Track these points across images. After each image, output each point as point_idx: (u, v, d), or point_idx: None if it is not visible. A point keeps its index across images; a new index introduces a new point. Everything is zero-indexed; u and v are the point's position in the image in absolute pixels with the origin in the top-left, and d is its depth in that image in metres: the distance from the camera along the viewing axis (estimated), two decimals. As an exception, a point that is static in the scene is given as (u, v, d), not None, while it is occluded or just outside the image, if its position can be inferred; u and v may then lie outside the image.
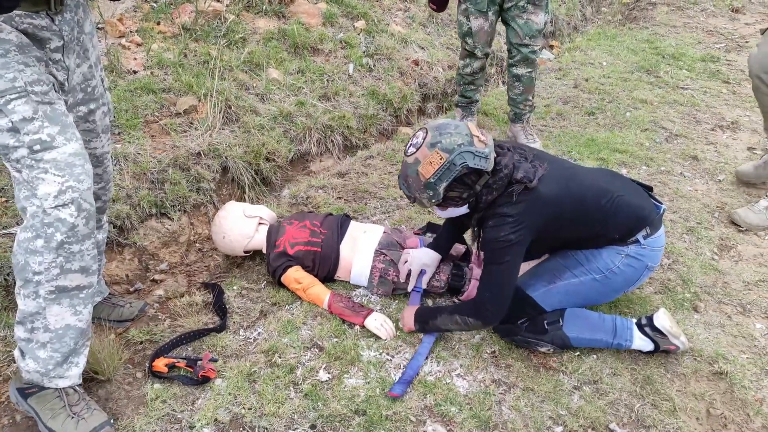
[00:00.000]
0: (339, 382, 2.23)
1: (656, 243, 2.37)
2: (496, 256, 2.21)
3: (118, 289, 2.80)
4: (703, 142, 4.14)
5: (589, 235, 2.33)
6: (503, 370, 2.33)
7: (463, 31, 3.77)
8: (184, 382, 2.20)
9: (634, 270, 2.35)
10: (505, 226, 2.16)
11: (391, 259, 2.65)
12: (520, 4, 3.57)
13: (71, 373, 1.95)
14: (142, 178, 3.10)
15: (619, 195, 2.32)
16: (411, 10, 5.49)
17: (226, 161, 3.41)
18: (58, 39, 1.84)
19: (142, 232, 3.00)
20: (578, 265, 2.36)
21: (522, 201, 2.17)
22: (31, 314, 1.85)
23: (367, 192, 3.50)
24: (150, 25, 4.08)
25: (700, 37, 6.13)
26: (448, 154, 2.09)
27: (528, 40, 3.65)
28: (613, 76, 5.16)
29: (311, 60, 4.42)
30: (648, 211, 2.36)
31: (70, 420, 1.92)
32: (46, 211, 1.75)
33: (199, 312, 2.59)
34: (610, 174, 2.50)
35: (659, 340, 2.34)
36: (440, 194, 2.17)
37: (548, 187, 2.20)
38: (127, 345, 2.39)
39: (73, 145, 1.79)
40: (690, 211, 3.36)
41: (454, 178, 2.13)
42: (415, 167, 2.16)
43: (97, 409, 1.98)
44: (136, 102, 3.46)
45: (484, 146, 2.14)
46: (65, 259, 1.81)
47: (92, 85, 2.06)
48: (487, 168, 2.14)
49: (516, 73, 3.80)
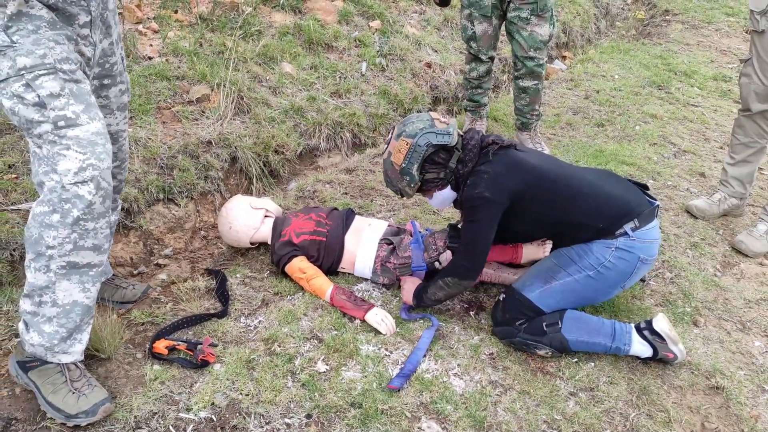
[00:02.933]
0: (336, 374, 2.24)
1: (647, 235, 2.36)
2: (471, 213, 2.34)
3: (122, 271, 2.82)
4: (711, 160, 4.14)
5: (571, 221, 2.36)
6: (500, 372, 2.34)
7: (467, 35, 3.77)
8: (184, 364, 2.21)
9: (626, 263, 2.34)
10: (480, 183, 2.29)
11: (393, 246, 2.67)
12: (523, 16, 3.52)
13: (75, 350, 1.96)
14: (151, 162, 3.12)
15: (602, 184, 2.39)
16: (426, 13, 5.51)
17: (236, 151, 3.43)
18: (86, 14, 1.86)
19: (148, 216, 3.02)
20: (571, 264, 2.37)
21: (498, 161, 2.33)
22: (40, 288, 1.87)
23: (373, 189, 3.52)
24: (167, 13, 4.10)
25: (713, 56, 6.14)
26: (412, 139, 2.34)
27: (533, 52, 3.60)
28: (624, 90, 5.18)
29: (325, 56, 4.45)
30: (635, 204, 2.37)
31: (71, 395, 1.93)
32: (65, 186, 1.77)
33: (201, 297, 2.61)
34: (597, 169, 2.57)
35: (658, 345, 2.35)
36: (415, 177, 2.38)
37: (529, 156, 2.38)
38: (129, 325, 2.41)
39: (96, 125, 1.81)
40: (695, 226, 3.37)
41: (424, 159, 2.35)
42: (389, 159, 2.41)
43: (97, 386, 2.00)
44: (149, 88, 3.48)
45: (445, 125, 2.37)
46: (79, 236, 1.83)
47: (111, 61, 2.08)
48: (451, 142, 2.35)
49: (522, 85, 3.78)
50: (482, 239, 2.33)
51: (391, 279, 2.69)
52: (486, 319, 2.60)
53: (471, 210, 2.33)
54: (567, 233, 2.41)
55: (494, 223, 2.31)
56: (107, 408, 1.96)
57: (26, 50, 1.74)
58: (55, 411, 1.93)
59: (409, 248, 2.67)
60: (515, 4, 3.54)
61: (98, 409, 1.93)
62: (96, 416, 1.94)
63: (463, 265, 2.39)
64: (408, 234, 2.78)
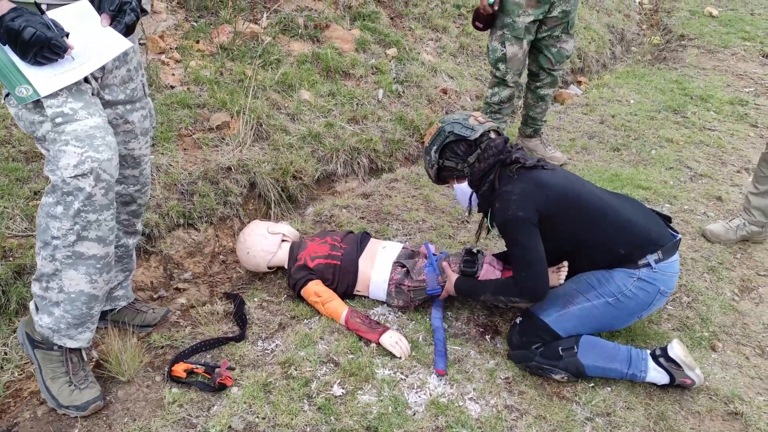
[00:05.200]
0: (352, 398, 2.26)
1: (669, 269, 2.38)
2: (512, 236, 2.35)
3: (143, 295, 2.88)
4: (728, 183, 4.13)
5: (593, 243, 2.37)
6: (516, 397, 2.34)
7: (497, 57, 3.79)
8: (201, 388, 2.24)
9: (646, 294, 2.35)
10: (511, 205, 2.32)
11: (407, 269, 2.70)
12: (555, 34, 3.75)
13: (81, 337, 2.04)
14: (172, 188, 3.19)
15: (626, 211, 2.41)
16: (442, 40, 5.60)
17: (255, 177, 3.50)
18: None
19: (168, 241, 3.08)
20: (591, 289, 2.38)
21: (522, 179, 2.37)
22: (47, 275, 1.94)
23: (389, 214, 3.56)
24: (189, 43, 4.22)
25: (730, 80, 6.14)
26: (442, 125, 2.53)
27: (558, 65, 3.89)
28: (639, 114, 5.19)
29: (342, 84, 4.53)
30: (657, 235, 2.38)
31: (67, 387, 2.06)
32: (65, 180, 1.81)
33: (219, 321, 2.64)
34: (623, 196, 2.59)
35: (674, 372, 2.33)
36: (433, 158, 2.55)
37: (552, 177, 2.41)
38: (149, 349, 2.45)
39: (95, 119, 1.84)
40: (712, 250, 3.35)
41: (444, 144, 2.50)
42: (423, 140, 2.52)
43: (93, 382, 2.12)
44: (171, 116, 3.58)
45: (477, 123, 2.50)
46: (82, 228, 1.87)
47: (131, 87, 2.13)
48: (471, 136, 2.46)
49: (542, 94, 4.01)
50: (536, 256, 2.31)
51: (406, 302, 2.71)
52: (501, 344, 2.61)
53: (510, 234, 2.35)
54: (587, 255, 2.42)
55: (538, 238, 2.31)
56: (97, 406, 2.09)
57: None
58: (50, 396, 2.07)
59: (424, 271, 2.70)
60: (548, 25, 3.72)
61: (89, 406, 2.07)
62: (85, 412, 2.07)
63: (530, 287, 2.32)
64: (422, 257, 2.80)
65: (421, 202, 3.70)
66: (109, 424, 2.10)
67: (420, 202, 3.70)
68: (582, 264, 2.46)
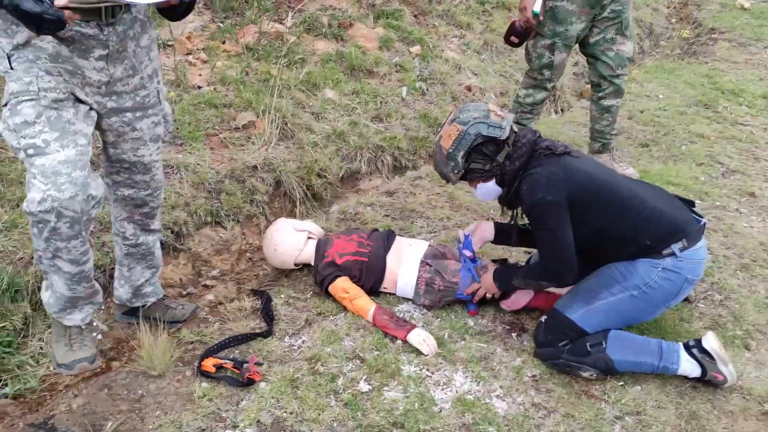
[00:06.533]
0: (379, 394, 2.26)
1: (695, 256, 2.31)
2: (541, 221, 2.30)
3: (172, 291, 2.92)
4: (761, 179, 4.04)
5: (618, 234, 2.32)
6: (544, 395, 2.32)
7: (542, 63, 3.62)
8: (230, 382, 2.27)
9: (672, 284, 2.30)
10: (539, 188, 2.26)
11: (436, 269, 2.69)
12: (609, 37, 3.55)
13: (72, 317, 2.23)
14: (200, 187, 3.23)
15: (652, 200, 2.34)
16: (466, 37, 5.57)
17: (280, 175, 3.53)
18: (103, 48, 1.92)
19: (197, 238, 3.12)
20: (615, 283, 2.34)
21: (551, 163, 2.29)
22: (43, 270, 2.14)
23: (414, 211, 3.55)
24: (216, 44, 4.27)
25: (762, 74, 6.00)
26: (464, 126, 2.33)
27: (620, 70, 3.65)
28: (669, 109, 5.10)
29: (366, 82, 4.54)
30: (683, 223, 2.32)
31: (64, 347, 2.26)
32: (32, 212, 1.90)
33: (247, 317, 2.67)
34: (647, 184, 2.52)
35: (707, 364, 2.29)
36: (460, 164, 2.38)
37: (580, 163, 2.34)
38: (179, 344, 2.49)
39: (66, 153, 1.87)
40: (745, 248, 3.28)
41: (471, 148, 2.34)
42: (439, 142, 2.42)
43: (87, 345, 2.29)
44: (198, 116, 3.62)
45: (500, 119, 2.34)
46: (54, 250, 2.00)
47: (142, 94, 2.12)
48: (502, 136, 2.32)
49: (606, 105, 3.76)
50: (563, 243, 2.28)
51: (433, 301, 2.71)
52: (528, 341, 2.59)
53: (538, 218, 2.30)
54: (612, 246, 2.37)
55: (567, 223, 2.27)
56: (83, 366, 2.26)
57: (17, 77, 1.86)
58: (53, 355, 2.29)
59: (458, 274, 2.69)
60: (600, 27, 3.54)
61: (75, 365, 2.25)
62: (73, 371, 2.25)
63: (559, 271, 2.34)
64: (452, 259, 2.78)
65: (445, 200, 3.69)
66: (141, 417, 2.13)
67: (444, 200, 3.69)
68: (606, 254, 2.41)
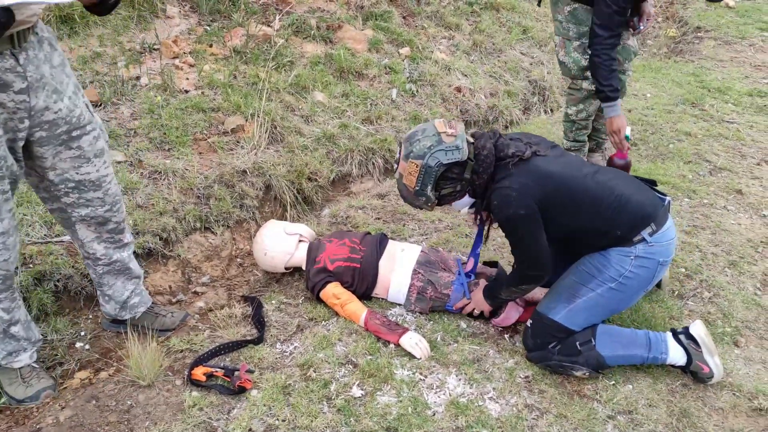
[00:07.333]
0: (372, 399, 2.26)
1: (664, 237, 2.31)
2: (514, 234, 2.31)
3: (161, 299, 2.90)
4: (748, 176, 4.07)
5: (592, 228, 2.32)
6: (536, 396, 2.32)
7: (581, 66, 3.51)
8: (221, 391, 2.25)
9: (647, 270, 2.31)
10: (510, 202, 2.23)
11: (428, 278, 2.68)
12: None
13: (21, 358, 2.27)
14: (188, 193, 3.21)
15: (619, 188, 2.32)
16: (455, 38, 5.58)
17: (270, 179, 3.51)
18: (22, 80, 1.88)
19: (186, 245, 3.10)
20: (591, 278, 2.34)
21: (519, 172, 2.26)
22: None
23: (405, 214, 3.55)
24: (203, 47, 4.25)
25: (748, 71, 6.04)
26: (422, 160, 2.24)
27: (627, 64, 3.62)
28: (656, 108, 5.13)
29: (356, 84, 4.53)
30: (651, 207, 2.32)
31: (20, 386, 2.26)
32: None
33: (238, 324, 2.66)
34: (612, 171, 2.48)
35: (693, 353, 2.32)
36: (431, 197, 2.32)
37: (547, 164, 2.29)
38: (168, 353, 2.47)
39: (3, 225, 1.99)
40: (732, 245, 3.30)
41: (438, 178, 2.27)
42: (401, 181, 2.34)
43: (44, 378, 2.30)
44: (186, 120, 3.60)
45: (453, 138, 2.26)
46: None
47: (76, 114, 2.06)
48: (462, 157, 2.25)
49: None
50: (537, 250, 2.29)
51: (424, 309, 2.71)
52: (521, 342, 2.59)
53: (512, 231, 2.31)
54: (585, 240, 2.38)
55: (540, 230, 2.27)
56: (48, 394, 2.27)
57: None
58: (9, 398, 2.26)
59: (451, 286, 2.68)
60: None
61: (40, 395, 2.26)
62: (39, 400, 2.25)
63: (534, 275, 2.36)
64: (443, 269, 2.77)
65: (436, 202, 3.69)
66: (130, 428, 2.11)
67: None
68: (578, 248, 2.42)
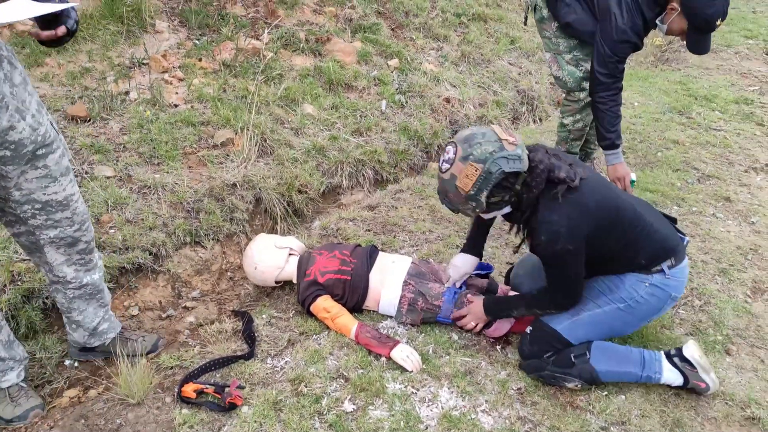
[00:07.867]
0: (364, 414, 2.24)
1: (681, 274, 2.36)
2: (559, 267, 2.28)
3: (151, 315, 2.87)
4: (736, 184, 4.10)
5: (617, 253, 2.32)
6: (529, 408, 2.32)
7: (579, 77, 3.54)
8: (212, 408, 2.23)
9: (657, 300, 2.33)
10: (560, 238, 2.17)
11: (419, 290, 2.67)
12: None
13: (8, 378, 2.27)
14: (178, 207, 3.20)
15: (650, 220, 2.34)
16: (444, 50, 5.60)
17: (260, 192, 3.50)
18: None
19: (176, 259, 3.08)
20: (601, 295, 2.36)
21: (569, 204, 2.18)
22: None
23: (396, 225, 3.54)
24: (192, 61, 4.24)
25: (734, 79, 6.10)
26: (483, 164, 2.12)
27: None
28: (644, 117, 5.16)
29: (345, 96, 4.54)
30: (674, 242, 2.36)
31: (8, 405, 2.25)
32: None
33: (228, 339, 2.64)
34: (638, 199, 2.51)
35: (688, 373, 2.31)
36: (483, 203, 2.20)
37: (591, 194, 2.22)
38: (158, 370, 2.45)
39: None
40: (722, 252, 3.32)
41: (494, 185, 2.16)
42: (453, 182, 2.19)
43: (32, 397, 2.29)
44: (175, 134, 3.59)
45: (515, 147, 2.16)
46: None
47: (41, 132, 1.98)
48: (522, 168, 2.16)
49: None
50: (576, 281, 2.31)
51: (415, 321, 2.69)
52: (513, 354, 2.58)
53: (556, 265, 2.27)
54: (610, 265, 2.37)
55: (582, 263, 2.26)
56: (37, 413, 2.26)
57: None
58: None
59: (442, 297, 2.67)
60: None
61: (29, 414, 2.25)
62: (27, 420, 2.24)
63: (569, 302, 2.36)
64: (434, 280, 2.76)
65: (427, 213, 3.69)
66: (120, 447, 2.09)
67: (426, 213, 3.69)
68: (598, 269, 2.40)
